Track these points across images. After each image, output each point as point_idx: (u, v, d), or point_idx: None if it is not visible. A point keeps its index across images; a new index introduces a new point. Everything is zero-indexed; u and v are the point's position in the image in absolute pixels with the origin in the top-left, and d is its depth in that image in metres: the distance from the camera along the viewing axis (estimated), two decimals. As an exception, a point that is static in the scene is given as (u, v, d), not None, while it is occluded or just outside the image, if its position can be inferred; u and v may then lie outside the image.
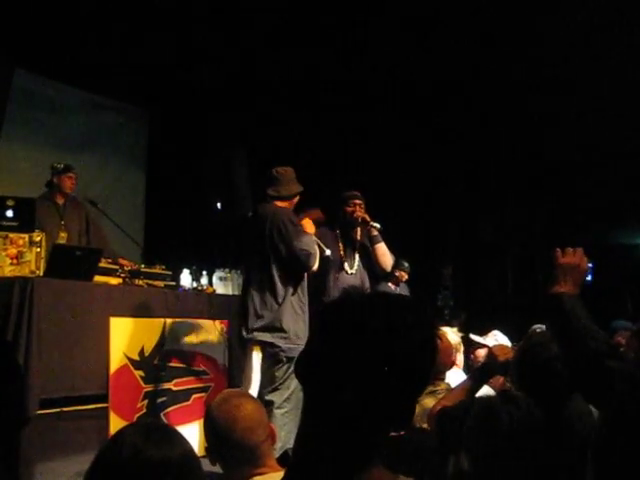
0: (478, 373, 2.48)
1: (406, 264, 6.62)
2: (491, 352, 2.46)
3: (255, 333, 3.87)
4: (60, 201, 5.14)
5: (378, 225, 4.53)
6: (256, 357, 3.90)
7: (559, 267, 1.75)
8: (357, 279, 4.48)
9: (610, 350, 1.62)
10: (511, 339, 3.98)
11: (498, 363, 2.36)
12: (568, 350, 1.66)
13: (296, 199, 4.14)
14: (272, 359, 3.85)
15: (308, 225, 4.04)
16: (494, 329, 4.10)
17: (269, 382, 3.84)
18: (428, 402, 2.62)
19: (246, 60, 6.60)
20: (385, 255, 4.53)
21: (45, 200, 5.05)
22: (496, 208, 8.44)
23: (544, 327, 3.71)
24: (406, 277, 6.68)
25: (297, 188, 4.13)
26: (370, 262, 4.57)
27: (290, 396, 3.78)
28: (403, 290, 6.64)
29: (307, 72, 6.62)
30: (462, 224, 8.67)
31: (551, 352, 1.99)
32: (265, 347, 3.88)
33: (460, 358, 3.83)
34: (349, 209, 4.52)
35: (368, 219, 4.51)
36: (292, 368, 3.74)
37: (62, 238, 4.89)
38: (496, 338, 3.95)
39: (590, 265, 1.80)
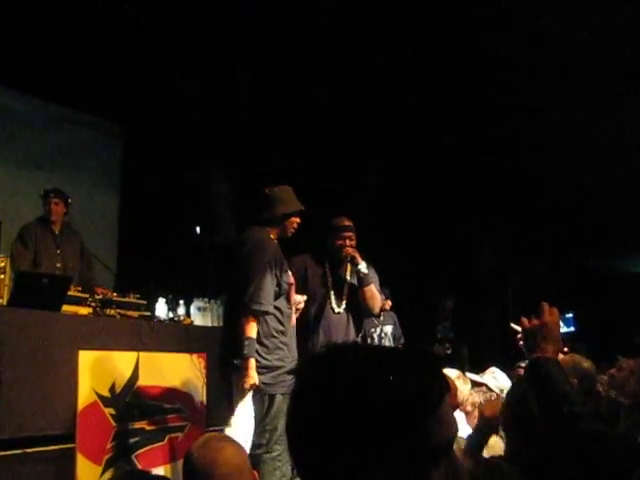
0: (474, 438, 2.55)
1: (387, 291, 6.58)
2: (480, 411, 2.52)
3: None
4: (56, 229, 5.15)
5: (365, 270, 4.39)
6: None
7: (527, 334, 1.85)
8: (343, 319, 4.46)
9: (583, 413, 1.74)
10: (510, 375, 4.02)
11: (488, 422, 2.43)
12: (544, 412, 1.76)
13: (290, 223, 4.01)
14: (256, 396, 3.79)
15: None
16: (492, 366, 4.13)
17: (255, 423, 3.79)
18: None
19: (228, 76, 6.69)
20: (374, 298, 4.47)
21: (42, 224, 5.06)
22: (497, 236, 8.54)
23: None
24: (390, 304, 6.67)
25: (285, 209, 3.98)
26: (356, 303, 4.52)
27: (280, 437, 3.69)
28: (388, 319, 6.65)
29: (297, 85, 6.74)
30: (462, 253, 8.74)
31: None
32: None
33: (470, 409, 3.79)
34: (338, 242, 4.43)
35: (358, 260, 4.38)
36: (276, 405, 3.74)
37: (58, 269, 4.92)
38: (494, 376, 3.97)
39: (570, 315, 1.90)
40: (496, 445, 2.89)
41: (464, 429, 3.44)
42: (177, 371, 4.61)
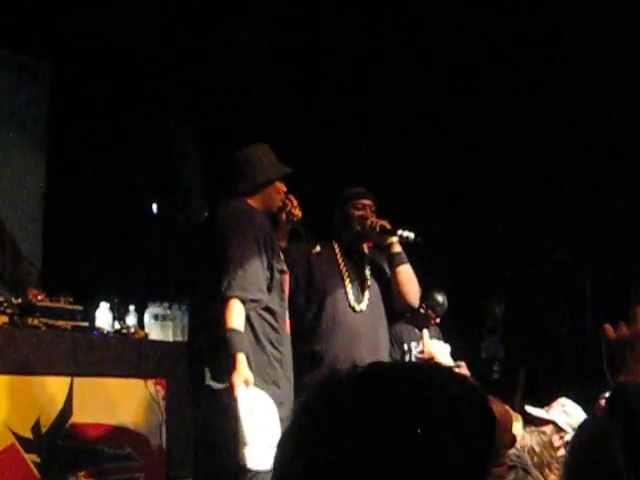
0: None
1: (440, 298, 6.48)
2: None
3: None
4: None
5: (412, 234, 4.44)
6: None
7: (612, 348, 1.82)
8: (367, 320, 4.43)
9: None
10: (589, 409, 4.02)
11: None
12: (629, 457, 1.73)
13: (274, 192, 4.07)
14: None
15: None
16: (562, 396, 4.14)
17: None
18: None
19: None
20: (412, 283, 4.49)
21: None
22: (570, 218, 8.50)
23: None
24: (438, 319, 6.59)
25: (269, 174, 4.05)
26: (386, 293, 4.55)
27: None
28: (433, 336, 6.63)
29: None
30: (519, 242, 8.70)
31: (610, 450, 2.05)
32: None
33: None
34: (358, 213, 4.47)
35: (389, 226, 4.41)
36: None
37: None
38: (564, 409, 3.99)
39: None
40: None
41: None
42: (126, 403, 4.62)
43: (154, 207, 7.59)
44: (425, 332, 5.57)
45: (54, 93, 7.87)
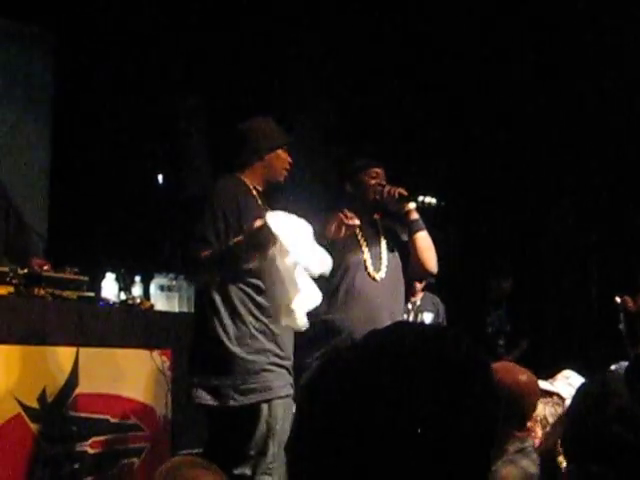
0: None
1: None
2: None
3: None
4: None
5: (433, 200, 4.37)
6: None
7: (630, 319, 1.81)
8: (387, 288, 4.38)
9: None
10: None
11: None
12: None
13: (277, 161, 4.04)
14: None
15: None
16: (566, 368, 4.13)
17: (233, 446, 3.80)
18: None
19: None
20: (430, 249, 4.42)
21: None
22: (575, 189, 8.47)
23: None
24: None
25: (270, 142, 4.03)
26: (403, 261, 4.49)
27: (271, 464, 3.73)
28: (428, 304, 6.64)
29: None
30: (526, 215, 8.68)
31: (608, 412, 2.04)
32: None
33: None
34: (373, 181, 4.40)
35: (406, 193, 4.33)
36: (264, 419, 3.73)
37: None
38: (569, 381, 3.97)
39: None
40: None
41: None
42: (131, 374, 4.63)
43: (159, 179, 7.58)
44: None
45: (58, 65, 7.84)
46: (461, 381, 1.05)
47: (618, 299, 1.92)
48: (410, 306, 6.37)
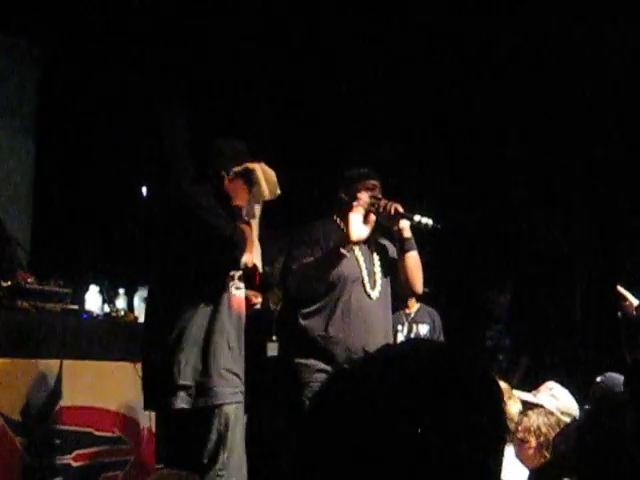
0: None
1: None
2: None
3: None
4: None
5: (430, 221, 4.27)
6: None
7: (629, 325, 1.81)
8: (380, 307, 4.38)
9: None
10: (579, 394, 4.01)
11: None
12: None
13: (232, 186, 3.89)
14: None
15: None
16: (551, 379, 4.15)
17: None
18: None
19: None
20: (419, 269, 4.39)
21: None
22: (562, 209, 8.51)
23: (613, 379, 3.76)
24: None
25: (225, 167, 3.87)
26: (392, 279, 4.46)
27: (220, 473, 3.67)
28: (424, 316, 6.60)
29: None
30: (524, 231, 8.70)
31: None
32: None
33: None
34: (369, 194, 4.30)
35: (401, 210, 4.26)
36: (213, 431, 3.69)
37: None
38: (552, 393, 3.99)
39: None
40: None
41: (514, 466, 3.46)
42: (115, 386, 4.62)
43: (143, 191, 7.56)
44: None
45: (44, 78, 7.84)
46: (475, 401, 1.08)
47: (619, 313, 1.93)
48: (405, 318, 6.34)
